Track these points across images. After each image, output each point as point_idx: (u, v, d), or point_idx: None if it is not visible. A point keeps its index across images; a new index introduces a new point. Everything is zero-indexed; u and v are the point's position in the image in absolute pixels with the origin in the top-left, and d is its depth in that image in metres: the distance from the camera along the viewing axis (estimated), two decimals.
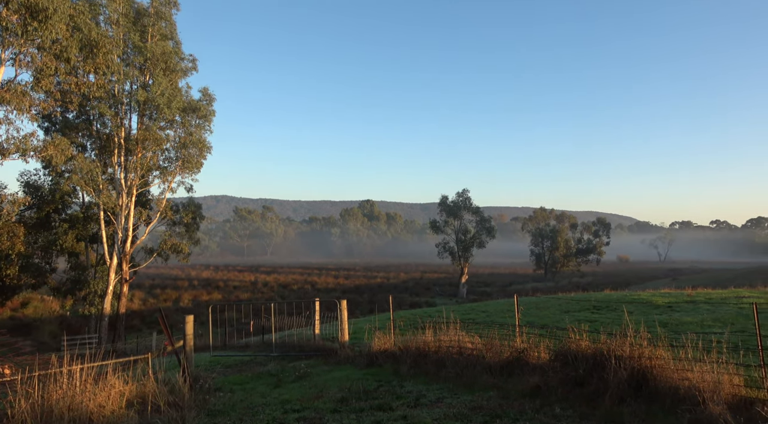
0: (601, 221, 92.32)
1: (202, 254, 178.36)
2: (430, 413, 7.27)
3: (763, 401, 6.11)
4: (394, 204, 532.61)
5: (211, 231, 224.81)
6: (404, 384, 9.08)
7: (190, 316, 10.72)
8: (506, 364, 9.03)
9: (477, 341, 10.08)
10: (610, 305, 17.70)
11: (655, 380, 6.96)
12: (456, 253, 66.61)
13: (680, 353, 7.28)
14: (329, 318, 16.21)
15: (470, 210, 67.33)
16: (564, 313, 16.45)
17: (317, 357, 12.21)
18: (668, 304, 17.31)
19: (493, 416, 6.94)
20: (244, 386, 9.82)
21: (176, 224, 33.82)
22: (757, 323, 7.23)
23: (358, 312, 39.75)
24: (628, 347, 7.38)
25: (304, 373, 10.47)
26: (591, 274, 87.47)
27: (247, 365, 12.08)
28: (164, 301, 50.67)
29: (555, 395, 7.52)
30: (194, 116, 30.01)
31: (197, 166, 30.46)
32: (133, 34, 27.82)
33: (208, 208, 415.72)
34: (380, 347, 11.24)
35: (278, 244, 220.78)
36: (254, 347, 14.73)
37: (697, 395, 6.24)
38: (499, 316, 16.81)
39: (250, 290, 61.26)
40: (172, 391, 8.02)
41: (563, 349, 8.19)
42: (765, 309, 14.88)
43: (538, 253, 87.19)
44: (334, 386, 9.15)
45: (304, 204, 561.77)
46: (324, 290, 61.28)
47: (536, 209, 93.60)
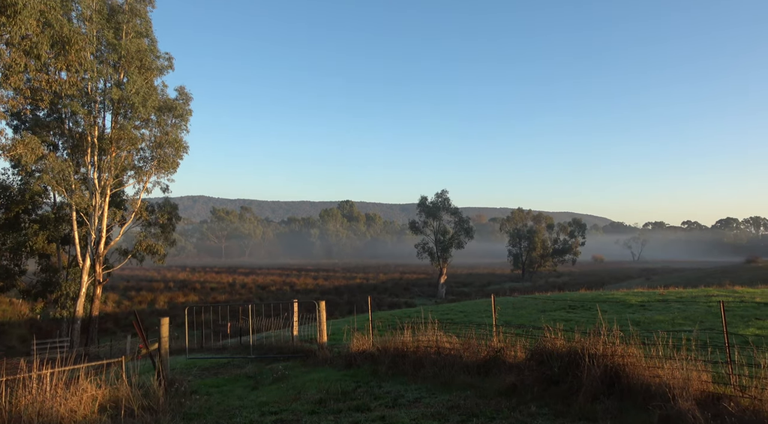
0: (576, 222, 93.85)
1: (179, 255, 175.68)
2: (408, 413, 7.31)
3: (729, 397, 6.30)
4: (373, 205, 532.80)
5: (187, 232, 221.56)
6: (382, 385, 9.10)
7: (166, 318, 10.55)
8: (483, 363, 9.12)
9: (455, 340, 10.17)
10: (585, 304, 18.02)
11: (627, 378, 7.12)
12: (435, 253, 66.97)
13: (652, 351, 7.46)
14: (308, 319, 16.15)
15: (449, 211, 67.79)
16: (540, 312, 16.68)
17: (295, 359, 12.15)
18: (641, 303, 17.71)
19: (470, 415, 7.00)
20: (221, 389, 9.71)
21: (152, 225, 33.23)
22: (724, 320, 7.46)
23: (337, 313, 39.65)
24: (601, 346, 7.54)
25: (281, 375, 10.41)
26: (567, 274, 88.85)
27: (224, 368, 11.95)
28: (139, 303, 49.74)
29: (531, 393, 7.63)
30: (170, 115, 29.54)
31: (173, 166, 29.99)
32: (107, 31, 27.26)
33: (184, 208, 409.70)
34: (359, 348, 11.24)
35: (256, 245, 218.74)
36: (231, 350, 14.58)
37: (668, 392, 6.40)
38: (477, 316, 16.97)
39: (227, 291, 60.54)
40: (147, 395, 7.89)
41: (539, 348, 8.31)
42: (732, 307, 15.34)
43: (516, 253, 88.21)
44: (313, 388, 9.12)
45: (283, 205, 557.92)
46: (303, 291, 60.93)
47: (514, 210, 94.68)
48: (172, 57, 30.91)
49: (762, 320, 13.06)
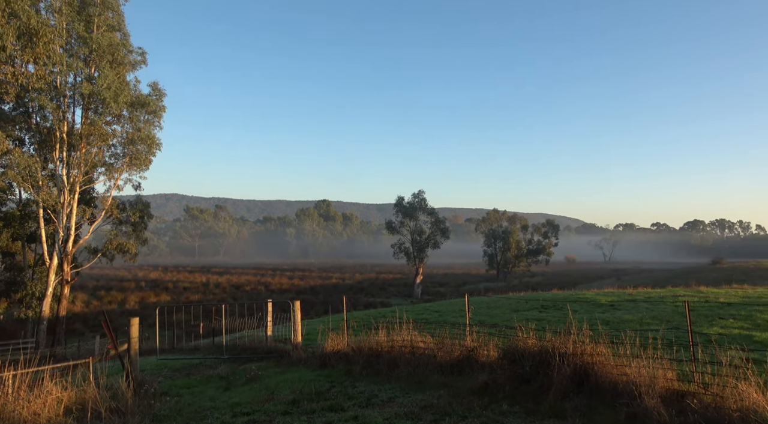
0: (550, 223, 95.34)
1: (151, 254, 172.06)
2: (381, 412, 7.32)
3: (693, 394, 6.49)
4: (350, 204, 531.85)
5: (160, 230, 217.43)
6: (357, 384, 9.09)
7: (136, 318, 10.34)
8: (457, 362, 9.20)
9: (429, 340, 10.23)
10: (557, 304, 18.32)
11: (596, 376, 7.27)
12: (411, 253, 67.20)
13: (620, 350, 7.64)
14: (283, 319, 16.02)
15: (425, 211, 68.12)
16: (514, 312, 16.90)
17: (269, 359, 12.04)
18: (611, 303, 18.10)
19: (442, 414, 7.06)
20: (192, 390, 9.57)
21: (123, 223, 32.47)
22: (689, 320, 7.68)
23: (312, 313, 39.46)
24: (571, 345, 7.68)
25: (255, 375, 10.31)
26: (541, 274, 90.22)
27: (196, 368, 11.77)
28: (109, 303, 48.57)
29: (503, 392, 7.73)
30: (143, 111, 28.90)
31: (146, 163, 29.36)
32: (77, 24, 26.52)
33: (157, 206, 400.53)
34: (333, 348, 11.22)
35: (231, 244, 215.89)
36: (204, 350, 14.37)
37: (634, 390, 6.56)
38: (452, 315, 17.10)
39: (201, 291, 59.60)
40: (115, 396, 7.71)
41: (511, 347, 8.43)
42: (697, 307, 15.81)
43: (491, 253, 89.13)
44: (286, 388, 9.06)
45: (259, 203, 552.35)
46: (278, 291, 60.41)
47: (489, 211, 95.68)
48: (145, 52, 30.28)
49: (725, 319, 13.49)
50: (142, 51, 30.23)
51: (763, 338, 10.92)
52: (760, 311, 14.50)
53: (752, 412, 5.74)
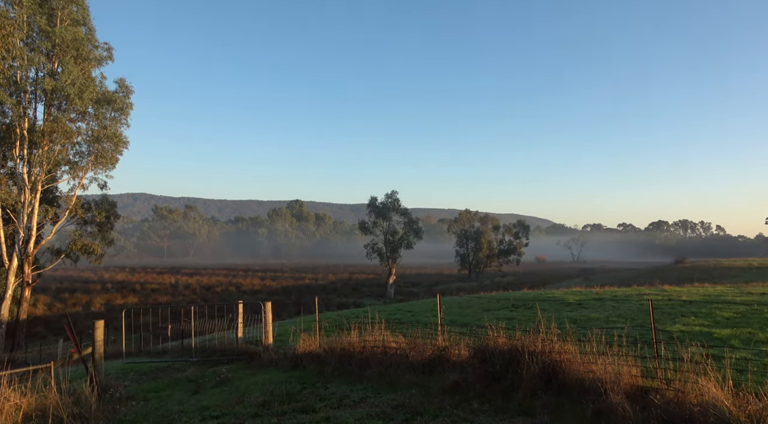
0: (521, 224, 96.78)
1: (117, 255, 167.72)
2: (352, 413, 7.30)
3: (656, 390, 6.69)
4: (323, 205, 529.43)
5: (127, 231, 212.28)
6: (328, 385, 9.05)
7: (101, 321, 10.06)
8: (428, 362, 9.25)
9: (401, 340, 10.26)
10: (527, 303, 18.63)
11: (564, 373, 7.42)
12: (384, 254, 67.25)
13: (587, 348, 7.81)
14: (254, 321, 15.82)
15: (398, 211, 68.25)
16: (485, 311, 17.10)
17: (240, 361, 11.88)
18: (579, 301, 18.49)
19: (414, 414, 7.09)
20: (160, 394, 9.36)
21: (88, 223, 31.52)
22: (652, 318, 7.91)
23: (285, 314, 39.09)
24: (540, 343, 7.82)
25: (225, 378, 10.15)
26: (512, 274, 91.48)
27: (164, 372, 11.52)
28: (73, 306, 47.07)
29: (473, 390, 7.81)
30: (109, 109, 28.11)
31: (112, 161, 28.58)
32: (39, 17, 25.63)
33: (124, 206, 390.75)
34: (305, 349, 11.13)
35: (201, 244, 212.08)
36: (172, 353, 14.08)
37: (600, 386, 6.72)
38: (424, 315, 17.18)
39: (170, 292, 58.33)
40: (78, 402, 7.48)
41: (482, 346, 8.53)
42: (661, 305, 16.29)
43: (463, 254, 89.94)
44: (257, 390, 8.95)
45: (230, 203, 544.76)
46: (250, 292, 59.61)
47: (462, 211, 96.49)
48: (111, 47, 29.46)
49: (687, 317, 13.94)
50: (108, 46, 29.44)
51: (723, 335, 11.33)
52: (719, 308, 15.03)
53: (711, 406, 5.94)
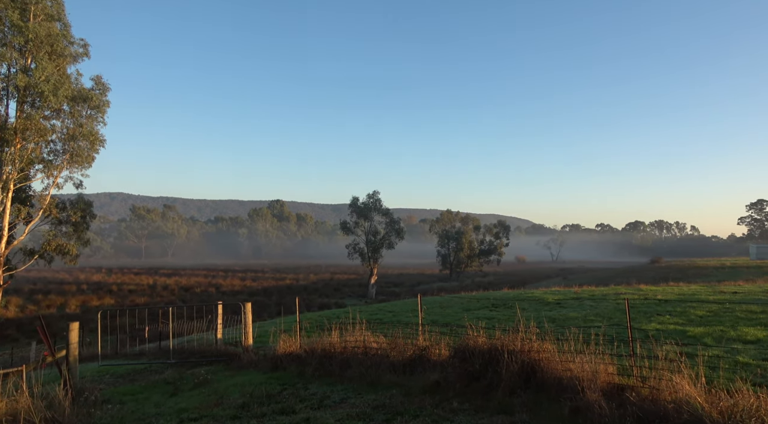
0: (501, 224, 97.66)
1: (94, 255, 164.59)
2: (333, 414, 7.28)
3: (632, 388, 6.81)
4: (304, 205, 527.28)
5: (104, 231, 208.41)
6: (309, 386, 9.01)
7: (76, 323, 9.85)
8: (409, 362, 9.28)
9: (382, 340, 10.26)
10: (507, 302, 18.80)
11: (542, 372, 7.51)
12: (366, 254, 67.21)
13: (565, 346, 7.92)
14: (234, 322, 15.66)
15: (380, 212, 68.28)
16: (465, 311, 17.20)
17: (219, 363, 11.76)
18: (557, 301, 18.72)
19: (394, 414, 7.10)
20: (137, 397, 9.21)
21: (63, 223, 30.82)
22: (628, 317, 8.05)
23: (265, 315, 38.76)
24: (519, 342, 7.90)
25: (203, 380, 10.04)
26: (492, 274, 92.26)
27: (141, 374, 11.34)
28: (47, 307, 45.98)
29: (453, 389, 7.85)
30: (85, 106, 27.53)
31: (88, 160, 27.99)
32: (11, 12, 24.97)
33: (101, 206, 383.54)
34: (285, 350, 11.06)
35: (181, 245, 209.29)
36: (150, 355, 13.87)
37: (578, 384, 6.81)
38: (405, 315, 17.22)
39: (147, 293, 57.37)
40: (51, 406, 7.31)
41: (462, 345, 8.58)
42: (637, 304, 16.60)
43: (444, 254, 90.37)
44: (236, 392, 8.87)
45: (210, 203, 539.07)
46: (229, 293, 58.99)
47: (443, 212, 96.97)
48: (88, 44, 28.83)
49: (662, 315, 14.22)
50: (84, 43, 28.81)
51: (696, 333, 11.59)
52: (693, 307, 15.38)
53: (685, 403, 6.07)
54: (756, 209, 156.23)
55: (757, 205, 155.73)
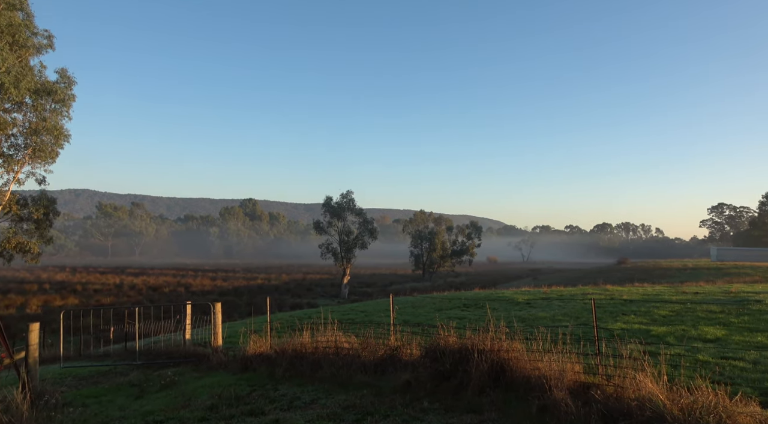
0: (474, 225, 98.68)
1: (57, 254, 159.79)
2: (303, 415, 7.23)
3: (597, 386, 6.96)
4: (277, 204, 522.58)
5: (68, 229, 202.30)
6: (279, 387, 8.92)
7: (36, 323, 9.51)
8: (380, 362, 9.28)
9: (354, 340, 10.24)
10: (478, 302, 19.01)
11: (511, 371, 7.61)
12: (339, 254, 66.99)
13: (533, 346, 8.05)
14: (204, 322, 15.39)
15: (354, 211, 68.17)
16: (437, 311, 17.32)
17: (187, 364, 11.53)
18: (527, 301, 19.03)
19: (365, 414, 7.09)
20: (100, 399, 8.95)
21: (24, 220, 29.78)
22: (594, 316, 8.24)
23: (236, 315, 38.20)
24: (489, 342, 7.99)
25: (171, 381, 9.83)
26: (464, 274, 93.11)
27: (105, 376, 11.03)
28: (6, 308, 44.29)
29: (424, 389, 7.89)
30: (49, 100, 26.67)
31: (52, 155, 27.14)
32: None
33: (65, 203, 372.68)
34: (255, 351, 10.93)
35: (149, 244, 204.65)
36: (115, 356, 13.50)
37: (545, 383, 6.93)
38: (377, 315, 17.23)
39: (113, 293, 55.88)
40: (7, 410, 7.04)
41: (433, 345, 8.63)
42: (603, 304, 17.00)
43: (417, 254, 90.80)
44: (204, 394, 8.71)
45: (180, 201, 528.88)
46: (199, 293, 57.94)
47: (416, 212, 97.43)
48: (52, 35, 27.96)
49: (627, 315, 14.61)
50: (49, 34, 27.93)
51: (659, 332, 11.94)
52: (657, 307, 15.84)
53: (648, 400, 6.24)
54: (716, 213, 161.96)
55: (717, 209, 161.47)
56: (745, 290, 20.65)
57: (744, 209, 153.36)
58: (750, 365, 8.79)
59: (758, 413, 5.98)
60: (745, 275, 38.26)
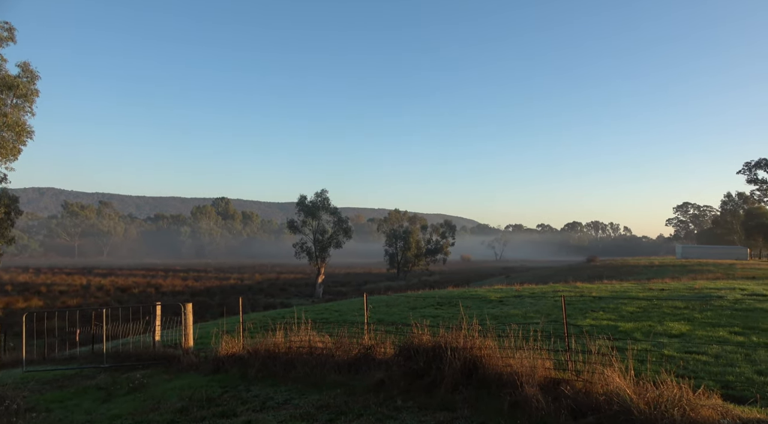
0: (448, 224, 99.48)
1: (20, 254, 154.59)
2: (276, 415, 7.16)
3: (567, 381, 7.09)
4: (251, 203, 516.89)
5: (32, 228, 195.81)
6: (251, 388, 8.82)
7: None
8: (354, 361, 9.26)
9: (327, 340, 10.20)
10: (452, 300, 19.15)
11: (484, 368, 7.70)
12: (313, 253, 66.61)
13: (505, 343, 8.15)
14: (175, 323, 15.09)
15: (328, 210, 67.87)
16: (411, 309, 17.38)
17: (157, 366, 11.29)
18: (500, 298, 19.26)
19: (338, 413, 7.07)
20: (65, 404, 8.69)
21: None
22: (564, 313, 8.40)
23: (208, 316, 37.60)
24: (462, 339, 8.06)
25: (140, 384, 9.62)
26: (438, 273, 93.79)
27: (71, 380, 10.71)
28: None
29: (398, 387, 7.91)
30: (10, 94, 25.71)
31: (13, 152, 26.17)
32: None
33: (29, 201, 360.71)
34: (228, 351, 10.78)
35: (117, 243, 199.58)
36: (81, 359, 13.13)
37: (517, 379, 7.03)
38: (352, 315, 17.20)
39: (80, 295, 54.32)
40: None
41: (407, 344, 8.65)
42: (573, 301, 17.33)
43: (392, 253, 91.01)
44: (174, 396, 8.55)
45: (150, 200, 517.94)
46: (170, 293, 56.81)
47: (391, 211, 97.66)
48: (13, 28, 26.94)
49: (596, 311, 14.94)
50: (9, 26, 26.91)
51: (627, 328, 12.24)
52: (624, 303, 16.25)
53: (615, 395, 6.40)
54: (682, 212, 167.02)
55: (682, 208, 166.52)
56: (708, 287, 21.35)
57: (707, 208, 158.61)
58: (712, 359, 9.09)
59: (719, 406, 6.20)
60: (708, 271, 39.53)
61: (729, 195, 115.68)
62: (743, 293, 18.02)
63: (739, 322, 12.65)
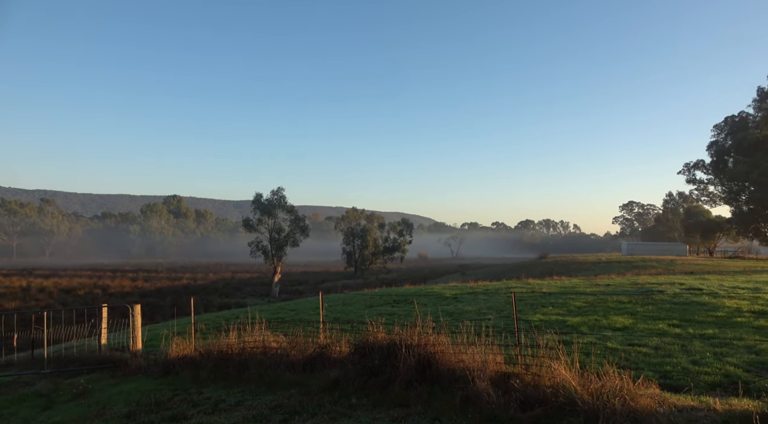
0: (405, 222, 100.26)
1: None
2: (228, 417, 7.05)
3: (517, 375, 7.31)
4: (204, 200, 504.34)
5: None
6: (203, 390, 8.64)
7: None
8: (309, 360, 9.22)
9: (282, 339, 10.10)
10: (408, 298, 19.34)
11: (437, 364, 7.83)
12: (269, 252, 65.64)
13: (458, 339, 8.31)
14: (123, 326, 14.54)
15: (285, 209, 67.05)
16: (368, 307, 17.43)
17: (103, 370, 10.86)
18: (454, 295, 19.60)
19: (292, 413, 7.02)
20: (1, 413, 8.24)
21: None
22: (514, 309, 8.65)
23: (158, 317, 36.41)
24: (416, 336, 8.17)
25: (84, 389, 9.23)
26: (396, 270, 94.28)
27: (8, 387, 10.16)
28: None
29: (353, 386, 7.93)
30: None
31: None
32: None
33: None
34: (178, 354, 10.50)
35: (61, 243, 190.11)
36: (19, 365, 12.46)
37: (469, 375, 7.19)
38: (308, 313, 17.09)
39: (19, 297, 51.38)
40: None
41: (362, 342, 8.68)
42: (524, 297, 17.84)
43: (350, 251, 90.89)
44: (120, 401, 8.26)
45: (96, 197, 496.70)
46: (118, 295, 54.62)
47: (348, 209, 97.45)
48: None
49: (546, 307, 15.43)
50: None
51: (574, 322, 12.72)
52: (572, 298, 16.86)
53: (561, 387, 6.65)
54: (627, 210, 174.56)
55: (627, 206, 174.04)
56: (650, 282, 22.43)
57: (651, 207, 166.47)
58: (652, 351, 9.59)
59: (657, 395, 6.56)
60: (651, 267, 41.47)
61: (670, 194, 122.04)
62: (681, 288, 19.06)
63: (677, 315, 13.37)
